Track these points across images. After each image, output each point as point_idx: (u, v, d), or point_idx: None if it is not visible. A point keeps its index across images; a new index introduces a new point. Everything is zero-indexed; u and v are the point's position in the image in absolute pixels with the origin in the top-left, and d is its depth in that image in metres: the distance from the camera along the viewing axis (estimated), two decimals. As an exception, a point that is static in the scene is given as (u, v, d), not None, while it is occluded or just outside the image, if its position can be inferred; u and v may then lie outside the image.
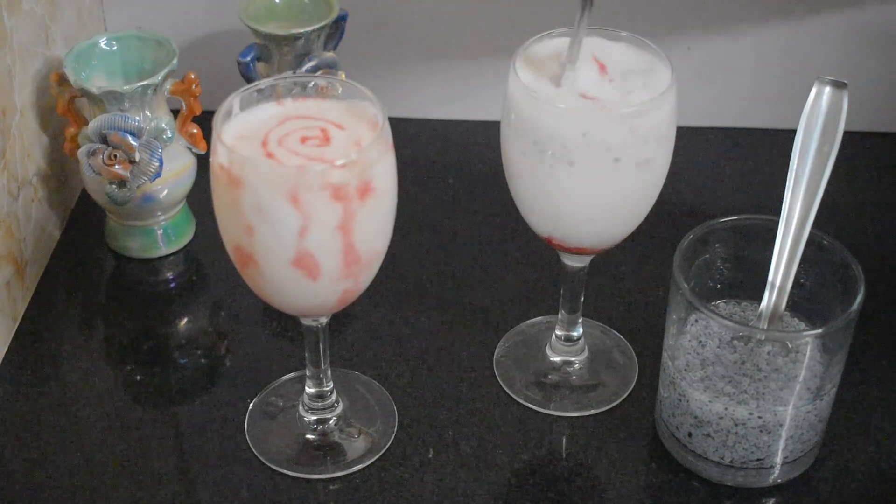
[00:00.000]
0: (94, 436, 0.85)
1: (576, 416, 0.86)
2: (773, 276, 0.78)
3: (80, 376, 0.89)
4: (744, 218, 0.81)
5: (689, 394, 0.78)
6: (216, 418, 0.86)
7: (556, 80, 0.76)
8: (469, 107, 1.13)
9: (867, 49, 1.07)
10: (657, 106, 0.74)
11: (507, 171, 0.80)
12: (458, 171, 1.08)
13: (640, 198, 0.78)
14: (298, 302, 0.75)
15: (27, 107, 0.95)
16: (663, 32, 1.05)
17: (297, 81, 0.75)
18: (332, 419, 0.85)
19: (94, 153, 0.92)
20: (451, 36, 1.09)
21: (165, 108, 0.96)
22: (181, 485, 0.81)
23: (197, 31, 1.09)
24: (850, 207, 1.04)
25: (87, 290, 0.97)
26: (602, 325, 0.92)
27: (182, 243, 1.00)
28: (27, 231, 0.95)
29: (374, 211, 0.71)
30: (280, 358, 0.90)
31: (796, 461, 0.80)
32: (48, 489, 0.81)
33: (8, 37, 0.90)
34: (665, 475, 0.82)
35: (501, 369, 0.89)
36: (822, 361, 0.77)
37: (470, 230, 1.02)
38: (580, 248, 0.81)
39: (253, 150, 0.71)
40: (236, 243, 0.73)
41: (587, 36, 0.77)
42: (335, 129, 0.72)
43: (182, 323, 0.95)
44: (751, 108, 1.12)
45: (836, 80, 0.76)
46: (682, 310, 0.78)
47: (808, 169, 0.76)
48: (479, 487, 0.81)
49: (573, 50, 0.76)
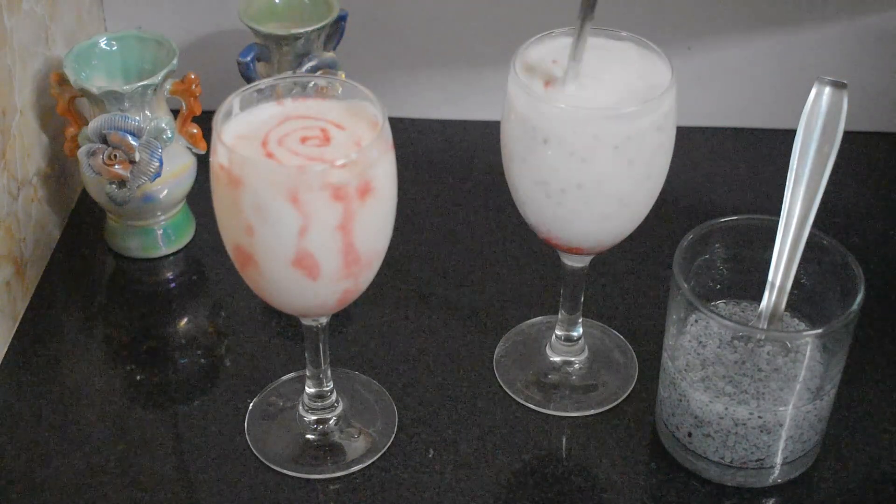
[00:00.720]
0: (94, 436, 0.85)
1: (576, 416, 0.86)
2: (773, 276, 0.78)
3: (80, 376, 0.89)
4: (744, 218, 0.81)
5: (690, 394, 0.78)
6: (216, 418, 0.86)
7: (556, 80, 0.76)
8: (469, 107, 1.13)
9: (867, 49, 1.07)
10: (657, 106, 0.74)
11: (506, 170, 0.80)
12: (458, 171, 1.08)
13: (640, 198, 0.78)
14: (298, 302, 0.75)
15: (27, 107, 0.95)
16: (663, 32, 1.05)
17: (297, 81, 0.75)
18: (332, 419, 0.85)
19: (94, 153, 0.92)
20: (451, 36, 1.09)
21: (165, 108, 0.96)
22: (181, 485, 0.81)
23: (197, 31, 1.09)
24: (850, 207, 1.04)
25: (87, 290, 0.97)
26: (602, 325, 0.92)
27: (182, 243, 1.00)
28: (27, 231, 0.95)
29: (374, 211, 0.71)
30: (280, 358, 0.90)
31: (796, 461, 0.80)
32: (48, 489, 0.81)
33: (8, 37, 0.90)
34: (665, 475, 0.82)
35: (501, 369, 0.89)
36: (822, 361, 0.77)
37: (470, 230, 1.02)
38: (580, 248, 0.81)
39: (253, 150, 0.71)
40: (236, 243, 0.73)
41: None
42: (335, 129, 0.72)
43: (182, 323, 0.95)
44: (751, 108, 1.12)
45: (836, 81, 0.76)
46: (682, 310, 0.78)
47: (808, 169, 0.76)
48: (479, 487, 0.81)
49: (576, 48, 0.76)
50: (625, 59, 0.78)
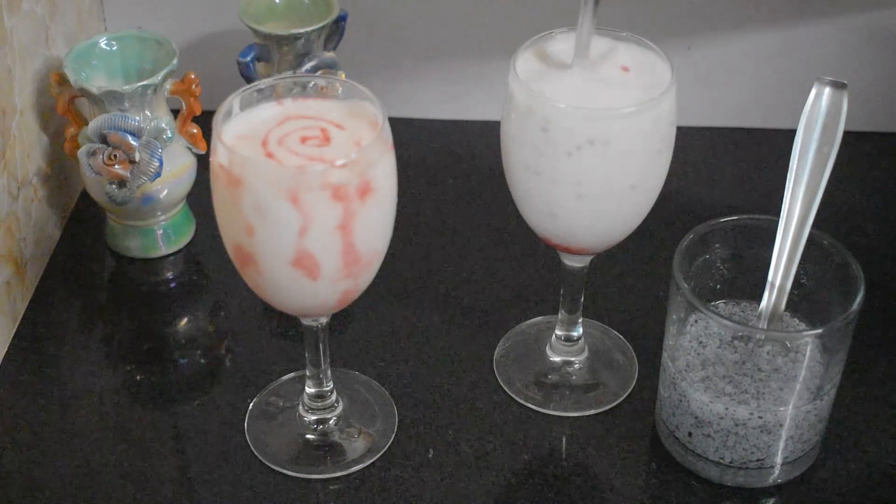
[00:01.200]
0: (94, 436, 0.85)
1: (576, 416, 0.86)
2: (772, 276, 0.78)
3: (80, 376, 0.89)
4: (744, 218, 0.81)
5: (690, 394, 0.78)
6: (216, 418, 0.86)
7: (555, 80, 0.76)
8: (469, 107, 1.13)
9: (867, 49, 1.07)
10: (657, 106, 0.74)
11: (506, 170, 0.80)
12: (458, 171, 1.08)
13: (640, 198, 0.78)
14: (298, 302, 0.75)
15: (27, 107, 0.95)
16: (663, 32, 1.05)
17: (297, 81, 0.75)
18: (332, 419, 0.85)
19: (94, 153, 0.92)
20: (450, 36, 1.09)
21: (165, 108, 0.96)
22: (181, 485, 0.81)
23: (197, 31, 1.09)
24: (850, 207, 1.04)
25: (87, 290, 0.97)
26: (602, 325, 0.92)
27: (182, 243, 1.00)
28: (27, 231, 0.95)
29: (374, 211, 0.71)
30: (280, 358, 0.90)
31: (796, 461, 0.80)
32: (48, 489, 0.81)
33: (8, 37, 0.90)
34: (665, 475, 0.82)
35: (501, 369, 0.89)
36: (822, 361, 0.77)
37: (470, 230, 1.02)
38: (580, 248, 0.81)
39: (253, 150, 0.71)
40: (236, 243, 0.73)
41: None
42: (335, 129, 0.72)
43: (182, 323, 0.95)
44: (751, 108, 1.12)
45: (835, 81, 0.76)
46: (682, 310, 0.78)
47: (808, 169, 0.76)
48: (479, 487, 0.81)
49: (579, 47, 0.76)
50: (625, 58, 0.78)
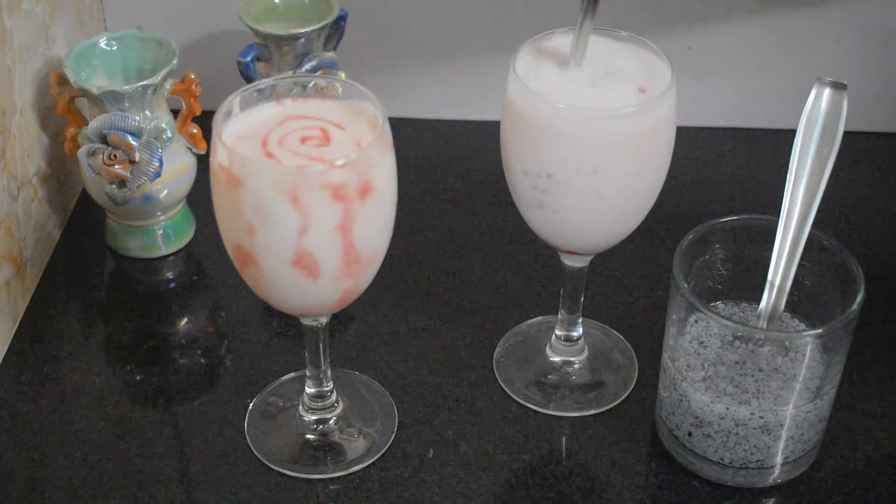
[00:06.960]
0: (94, 436, 0.85)
1: (576, 416, 0.86)
2: (772, 276, 0.78)
3: (80, 376, 0.89)
4: (744, 218, 0.81)
5: (691, 394, 0.78)
6: (216, 418, 0.86)
7: (555, 80, 0.76)
8: (469, 107, 1.13)
9: (867, 49, 1.07)
10: (657, 106, 0.74)
11: (506, 170, 0.80)
12: (458, 171, 1.08)
13: (640, 198, 0.78)
14: (298, 302, 0.75)
15: (27, 107, 0.95)
16: (663, 32, 1.05)
17: (297, 81, 0.75)
18: (332, 419, 0.85)
19: (94, 153, 0.92)
20: (451, 36, 1.09)
21: (165, 108, 0.96)
22: (181, 485, 0.81)
23: (197, 31, 1.09)
24: (850, 207, 1.04)
25: (87, 290, 0.97)
26: (602, 325, 0.92)
27: (182, 243, 1.00)
28: (27, 231, 0.95)
29: (374, 211, 0.71)
30: (280, 358, 0.90)
31: (796, 461, 0.80)
32: (48, 489, 0.81)
33: (8, 37, 0.90)
34: (665, 475, 0.82)
35: (501, 369, 0.89)
36: (822, 361, 0.77)
37: (470, 230, 1.02)
38: (580, 248, 0.81)
39: (253, 150, 0.71)
40: (236, 243, 0.73)
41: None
42: (335, 129, 0.73)
43: (182, 323, 0.95)
44: (751, 108, 1.12)
45: (835, 81, 0.76)
46: (682, 310, 0.78)
47: (808, 169, 0.76)
48: (479, 487, 0.81)
49: (577, 48, 0.76)
50: (625, 58, 0.78)
